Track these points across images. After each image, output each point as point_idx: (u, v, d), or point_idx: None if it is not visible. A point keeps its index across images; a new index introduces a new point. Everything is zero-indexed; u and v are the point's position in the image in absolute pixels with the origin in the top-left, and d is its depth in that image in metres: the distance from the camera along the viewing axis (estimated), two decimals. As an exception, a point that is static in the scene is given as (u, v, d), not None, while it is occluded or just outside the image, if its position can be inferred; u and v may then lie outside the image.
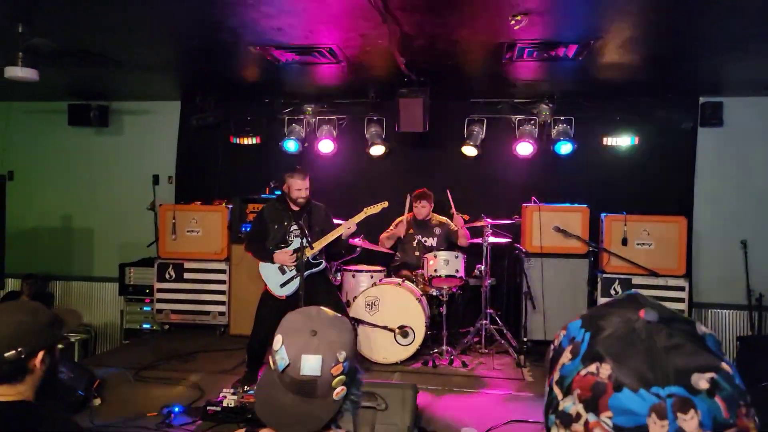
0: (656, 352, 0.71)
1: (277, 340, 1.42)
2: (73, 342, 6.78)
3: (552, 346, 0.84)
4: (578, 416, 0.73)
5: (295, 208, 4.76)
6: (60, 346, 1.82)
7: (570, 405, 0.74)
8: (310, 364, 1.37)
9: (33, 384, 1.69)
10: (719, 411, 0.68)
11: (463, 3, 3.95)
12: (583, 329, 0.78)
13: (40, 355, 1.67)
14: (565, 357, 0.78)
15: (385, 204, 5.00)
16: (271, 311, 4.70)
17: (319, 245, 4.72)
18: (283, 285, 4.70)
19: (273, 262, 4.70)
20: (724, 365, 0.71)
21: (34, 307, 1.71)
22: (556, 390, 0.77)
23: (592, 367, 0.73)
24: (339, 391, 1.40)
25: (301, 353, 1.38)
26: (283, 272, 4.73)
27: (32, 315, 1.68)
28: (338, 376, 1.39)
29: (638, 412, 0.68)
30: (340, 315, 1.50)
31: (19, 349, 1.61)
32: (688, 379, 0.69)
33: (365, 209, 4.96)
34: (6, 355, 1.59)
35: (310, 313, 1.46)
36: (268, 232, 4.79)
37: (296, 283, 4.59)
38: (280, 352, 1.40)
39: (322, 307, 1.50)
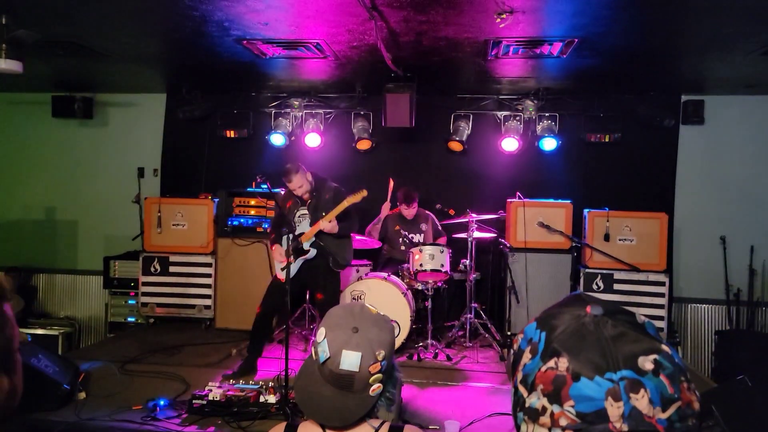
0: (605, 341, 0.78)
1: (320, 333, 1.46)
2: (58, 335, 6.76)
3: (512, 351, 0.91)
4: (544, 409, 0.79)
5: None
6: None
7: (536, 400, 0.80)
8: (350, 360, 1.41)
9: None
10: (665, 387, 0.75)
11: (449, 0, 3.98)
12: (539, 330, 0.85)
13: None
14: (526, 357, 0.84)
15: (365, 193, 5.00)
16: (274, 291, 4.88)
17: (310, 233, 4.82)
18: (282, 268, 4.82)
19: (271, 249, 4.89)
20: (664, 347, 0.79)
21: None
22: (521, 389, 0.83)
23: (551, 363, 0.79)
24: (375, 388, 1.45)
25: (342, 348, 1.42)
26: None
27: None
28: (375, 374, 1.43)
29: (596, 397, 0.75)
30: (383, 314, 1.53)
31: None
32: (635, 362, 0.76)
33: (347, 198, 4.99)
34: None
35: (354, 310, 1.50)
36: (284, 216, 4.97)
37: (293, 268, 4.75)
38: (322, 345, 1.44)
39: (367, 305, 1.54)
